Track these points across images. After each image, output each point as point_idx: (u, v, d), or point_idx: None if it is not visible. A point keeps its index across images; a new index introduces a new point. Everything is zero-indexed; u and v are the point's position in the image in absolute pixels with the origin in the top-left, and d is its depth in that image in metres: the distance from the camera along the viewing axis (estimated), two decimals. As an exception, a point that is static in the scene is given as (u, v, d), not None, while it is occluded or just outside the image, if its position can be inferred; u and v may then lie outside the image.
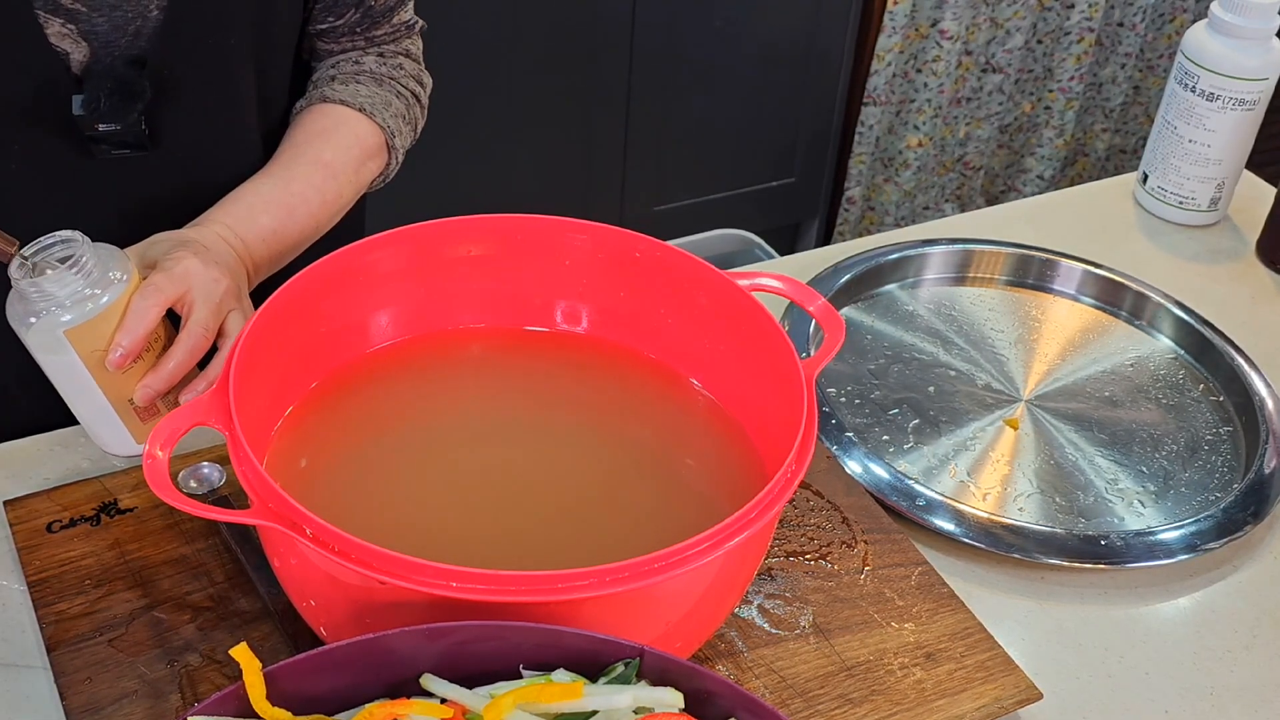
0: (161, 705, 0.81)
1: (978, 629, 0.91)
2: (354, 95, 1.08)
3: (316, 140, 1.06)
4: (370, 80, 1.10)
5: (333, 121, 1.07)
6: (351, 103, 1.08)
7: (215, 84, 1.02)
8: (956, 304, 1.26)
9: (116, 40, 0.95)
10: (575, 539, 0.84)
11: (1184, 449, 1.12)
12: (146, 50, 0.96)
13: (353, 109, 1.08)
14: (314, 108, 1.08)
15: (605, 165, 2.41)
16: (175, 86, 0.98)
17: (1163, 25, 2.77)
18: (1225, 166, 1.35)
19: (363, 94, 1.09)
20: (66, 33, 0.93)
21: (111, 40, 0.95)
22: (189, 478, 0.93)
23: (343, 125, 1.07)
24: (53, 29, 0.92)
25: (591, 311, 0.98)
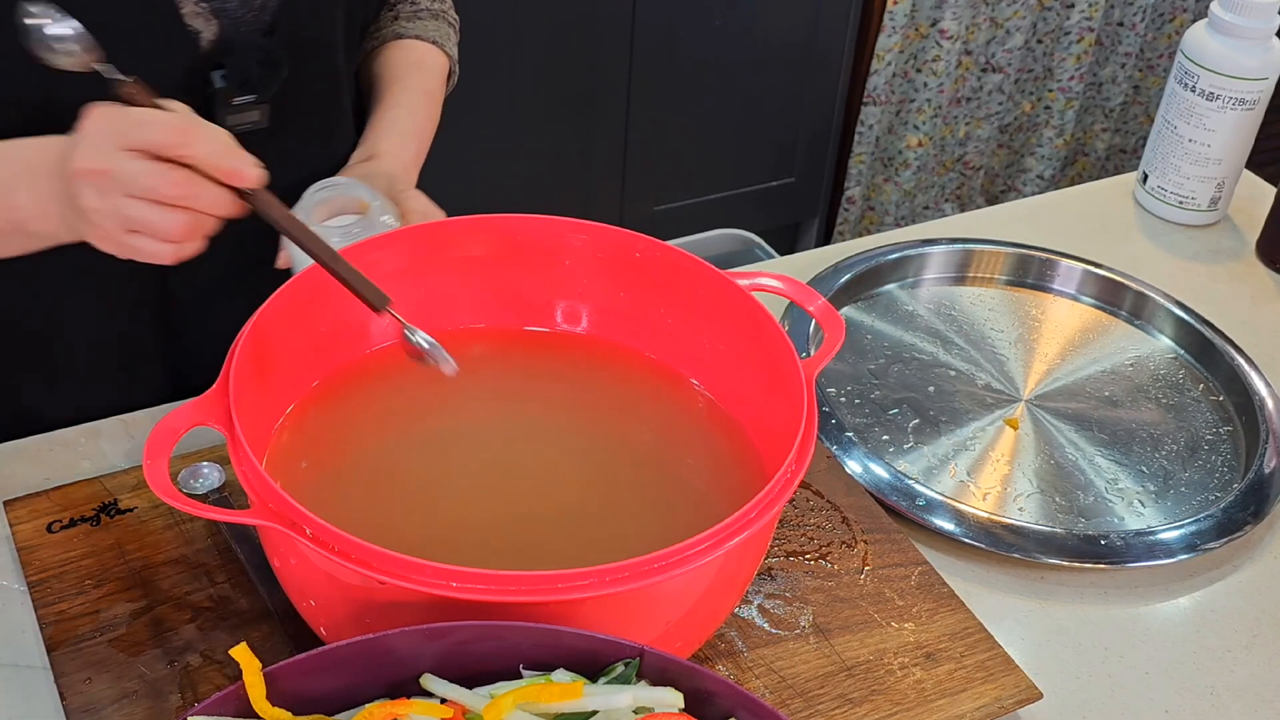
0: (161, 705, 0.81)
1: (978, 629, 0.91)
2: (424, 30, 1.16)
3: (415, 73, 1.13)
4: (429, 15, 1.18)
5: (417, 55, 1.15)
6: (425, 37, 1.16)
7: (321, 59, 1.06)
8: (956, 304, 1.27)
9: (243, 16, 0.98)
10: (575, 539, 0.84)
11: (1184, 449, 1.12)
12: (270, 26, 1.00)
13: (427, 42, 1.16)
14: (397, 43, 1.15)
15: (605, 165, 2.41)
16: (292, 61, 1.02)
17: (1163, 25, 2.77)
18: (1225, 166, 1.35)
19: (430, 29, 1.17)
20: (199, 11, 0.96)
21: (239, 17, 0.98)
22: (189, 478, 0.93)
23: (426, 58, 1.15)
24: (187, 8, 0.95)
25: (591, 311, 0.98)
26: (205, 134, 0.76)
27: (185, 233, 0.76)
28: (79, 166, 0.75)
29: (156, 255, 0.78)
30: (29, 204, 0.81)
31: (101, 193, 0.75)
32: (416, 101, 1.12)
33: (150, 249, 0.77)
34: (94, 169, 0.75)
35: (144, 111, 0.76)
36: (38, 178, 0.80)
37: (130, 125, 0.75)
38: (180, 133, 0.74)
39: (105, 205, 0.76)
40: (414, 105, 1.12)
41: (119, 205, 0.75)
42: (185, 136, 0.74)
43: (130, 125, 0.75)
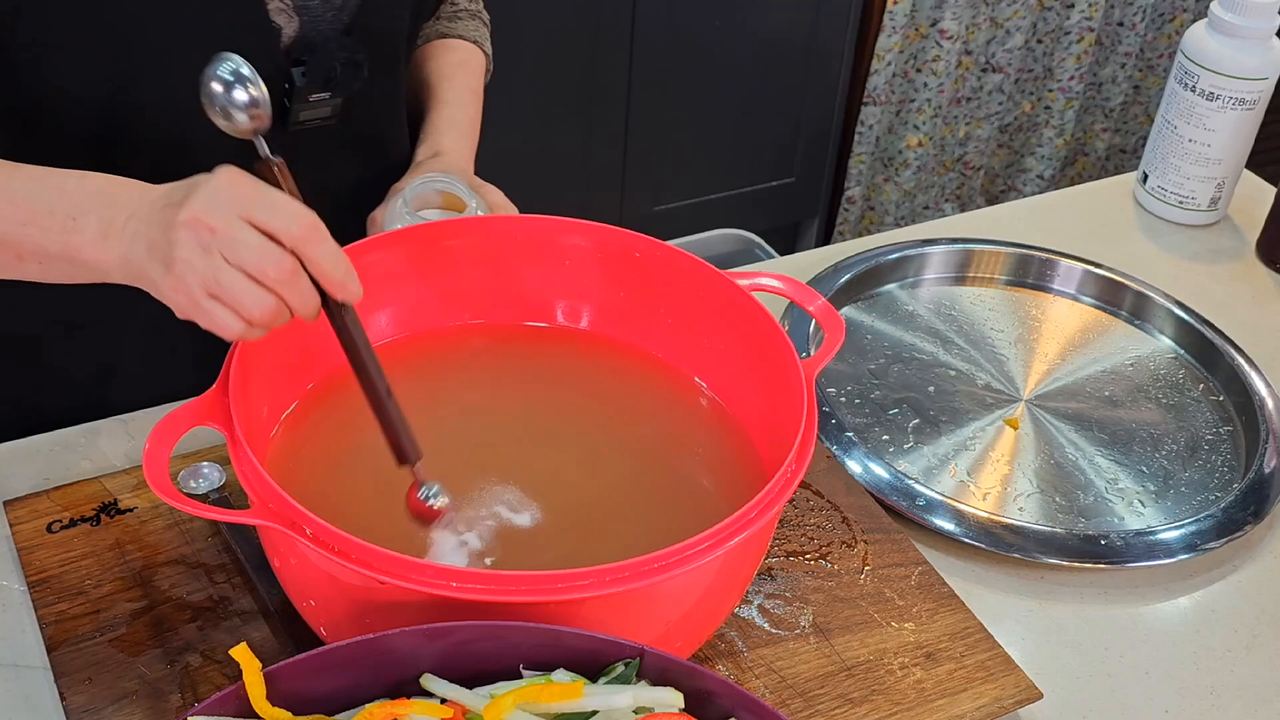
0: (161, 705, 0.81)
1: (978, 629, 0.91)
2: (465, 30, 1.20)
3: (461, 72, 1.16)
4: (467, 15, 1.21)
5: (462, 55, 1.18)
6: (467, 36, 1.19)
7: (389, 60, 1.07)
8: (956, 304, 1.27)
9: (323, 15, 0.99)
10: (575, 538, 0.84)
11: (1184, 449, 1.12)
12: (348, 26, 1.01)
13: (468, 42, 1.19)
14: (441, 43, 1.18)
15: (605, 165, 2.41)
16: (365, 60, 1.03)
17: (1163, 25, 2.77)
18: (1225, 166, 1.35)
19: (470, 28, 1.20)
20: (283, 7, 0.97)
21: (318, 15, 0.99)
22: (189, 478, 0.93)
23: (470, 58, 1.19)
24: (272, 4, 0.96)
25: (591, 311, 0.98)
26: (327, 239, 0.73)
27: (265, 318, 0.74)
28: (189, 215, 0.72)
29: (225, 328, 0.75)
30: (93, 232, 0.78)
31: (202, 248, 0.72)
32: (465, 99, 1.15)
33: (222, 320, 0.74)
34: (205, 223, 0.72)
35: (279, 195, 0.73)
36: (116, 210, 0.78)
37: (259, 200, 0.72)
38: (307, 228, 0.72)
39: (200, 262, 0.72)
40: (464, 103, 1.15)
41: (215, 266, 0.72)
42: (310, 234, 0.72)
43: (259, 200, 0.72)
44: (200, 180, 0.74)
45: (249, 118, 0.70)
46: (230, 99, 0.69)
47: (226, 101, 0.68)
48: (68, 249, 0.79)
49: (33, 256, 0.80)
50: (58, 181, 0.80)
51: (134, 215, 0.77)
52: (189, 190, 0.74)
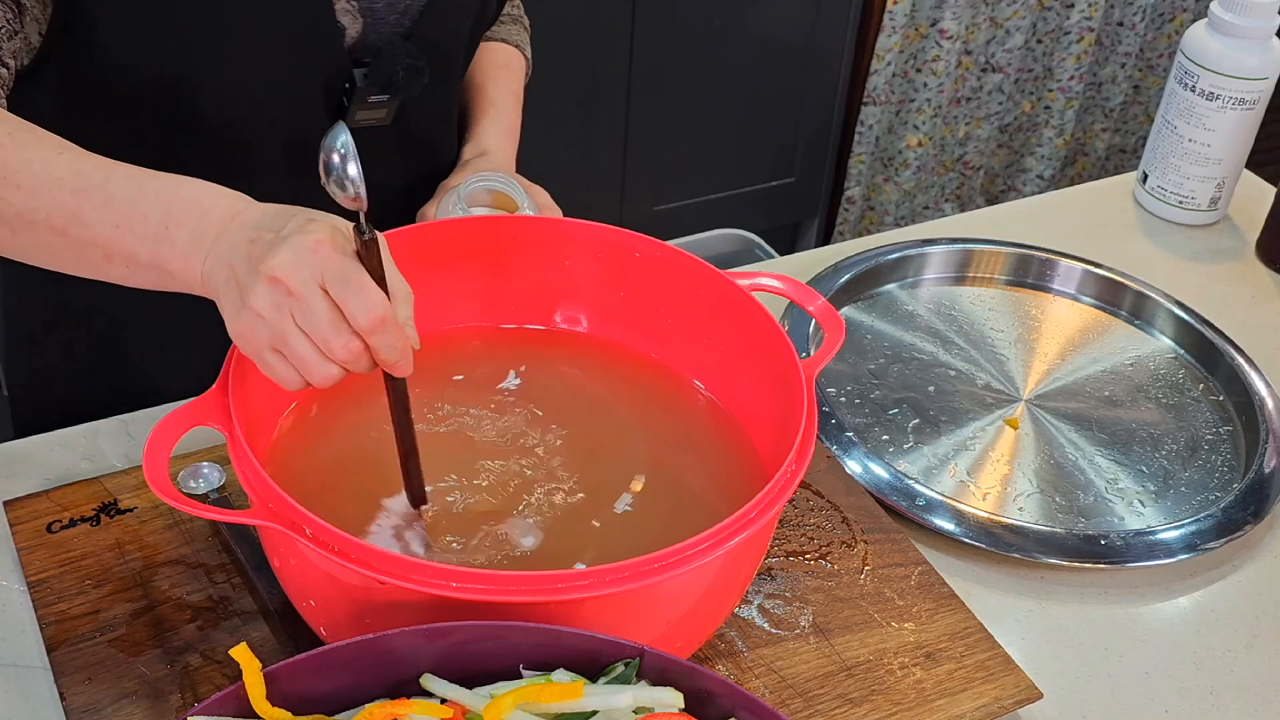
0: (161, 705, 0.81)
1: (978, 629, 0.91)
2: (508, 34, 1.23)
3: (504, 74, 1.20)
4: (509, 20, 1.24)
5: (505, 58, 1.21)
6: (510, 40, 1.22)
7: (447, 65, 1.09)
8: (956, 304, 1.27)
9: (386, 17, 1.00)
10: (575, 539, 0.84)
11: (1184, 448, 1.12)
12: (410, 30, 1.02)
13: (510, 46, 1.22)
14: (485, 45, 1.20)
15: (605, 165, 2.41)
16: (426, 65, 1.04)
17: (1162, 25, 2.77)
18: (1225, 166, 1.35)
19: (513, 33, 1.23)
20: (348, 8, 0.98)
21: (382, 17, 1.00)
22: (189, 478, 0.93)
23: (512, 61, 1.22)
24: (339, 4, 0.97)
25: (591, 311, 0.98)
26: (394, 330, 0.73)
27: (323, 383, 0.75)
28: (274, 271, 0.72)
29: (283, 379, 0.75)
30: (184, 245, 0.77)
31: (277, 307, 0.72)
32: (508, 101, 1.18)
33: (282, 373, 0.75)
34: (285, 283, 0.72)
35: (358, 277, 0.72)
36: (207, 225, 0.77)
37: (342, 280, 0.72)
38: (374, 321, 0.72)
39: (273, 319, 0.73)
40: (507, 105, 1.18)
41: (285, 328, 0.73)
42: (375, 327, 0.72)
43: (342, 280, 0.72)
44: (292, 229, 0.73)
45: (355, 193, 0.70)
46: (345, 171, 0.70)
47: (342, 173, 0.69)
48: (157, 258, 0.78)
49: (121, 260, 0.80)
50: (155, 187, 0.79)
51: (222, 237, 0.76)
52: (278, 236, 0.73)
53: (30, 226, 0.80)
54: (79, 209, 0.79)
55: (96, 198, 0.79)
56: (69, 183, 0.79)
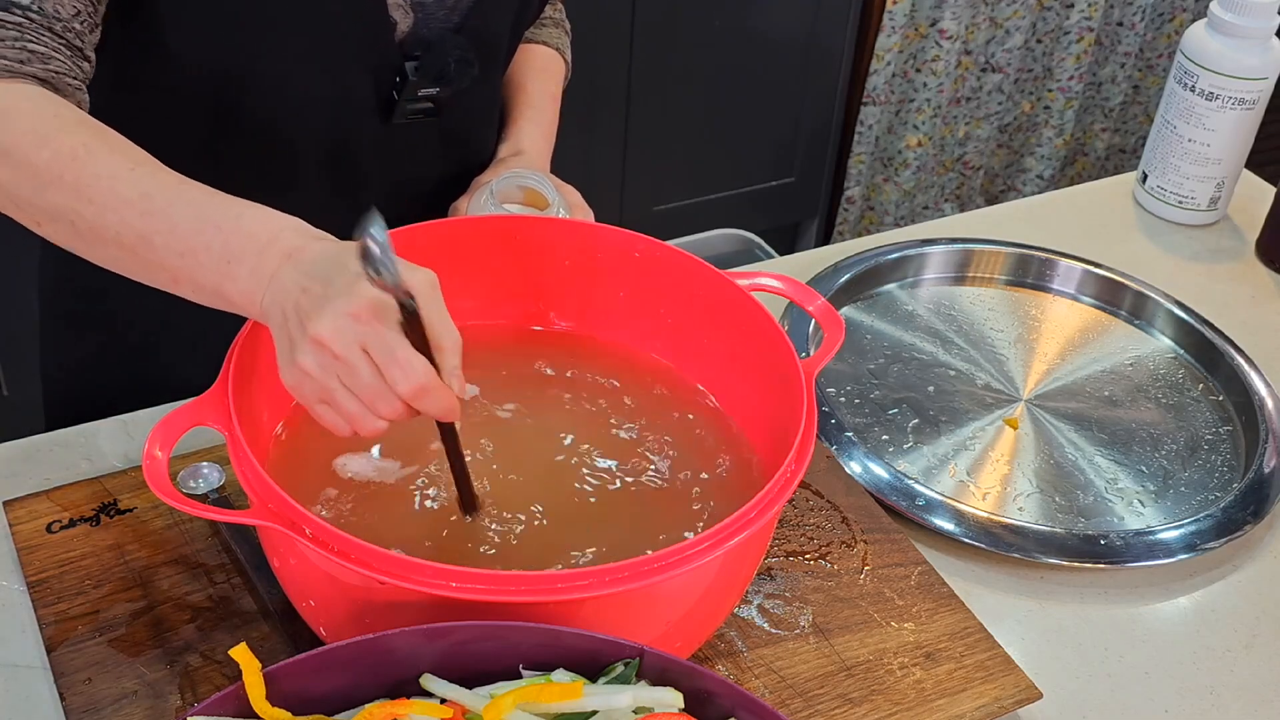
0: (161, 705, 0.81)
1: (977, 629, 0.91)
2: (548, 37, 1.24)
3: (542, 76, 1.21)
4: (550, 23, 1.26)
5: (544, 61, 1.22)
6: (550, 43, 1.24)
7: (492, 60, 1.10)
8: (956, 304, 1.27)
9: (436, 12, 1.01)
10: (575, 538, 0.84)
11: (1184, 448, 1.12)
12: (458, 25, 1.03)
13: (551, 48, 1.24)
14: (525, 47, 1.21)
15: (605, 165, 2.41)
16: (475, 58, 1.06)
17: (1162, 25, 2.77)
18: (1225, 166, 1.35)
19: (552, 35, 1.25)
20: (400, 3, 0.99)
21: (432, 12, 1.01)
22: (189, 478, 0.93)
23: (551, 64, 1.23)
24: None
25: (591, 311, 0.98)
26: (437, 394, 0.74)
27: (374, 433, 0.76)
28: (318, 335, 0.73)
29: (334, 427, 0.76)
30: (245, 282, 0.78)
31: (323, 367, 0.74)
32: (545, 103, 1.20)
33: (331, 421, 0.76)
34: (330, 348, 0.73)
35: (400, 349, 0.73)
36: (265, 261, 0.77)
37: (384, 351, 0.73)
38: (415, 393, 0.73)
39: (320, 378, 0.74)
40: (544, 106, 1.19)
41: (333, 386, 0.74)
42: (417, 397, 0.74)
43: (384, 351, 0.73)
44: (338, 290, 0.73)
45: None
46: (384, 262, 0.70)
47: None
48: (220, 290, 0.79)
49: (188, 285, 0.81)
50: (216, 217, 0.79)
51: (277, 276, 0.76)
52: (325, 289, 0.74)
53: (103, 242, 0.81)
54: (146, 232, 0.79)
55: (162, 223, 0.79)
56: (137, 205, 0.80)
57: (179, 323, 1.08)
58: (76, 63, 0.86)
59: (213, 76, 0.97)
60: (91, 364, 1.16)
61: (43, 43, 0.84)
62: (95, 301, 1.12)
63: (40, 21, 0.83)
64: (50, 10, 0.84)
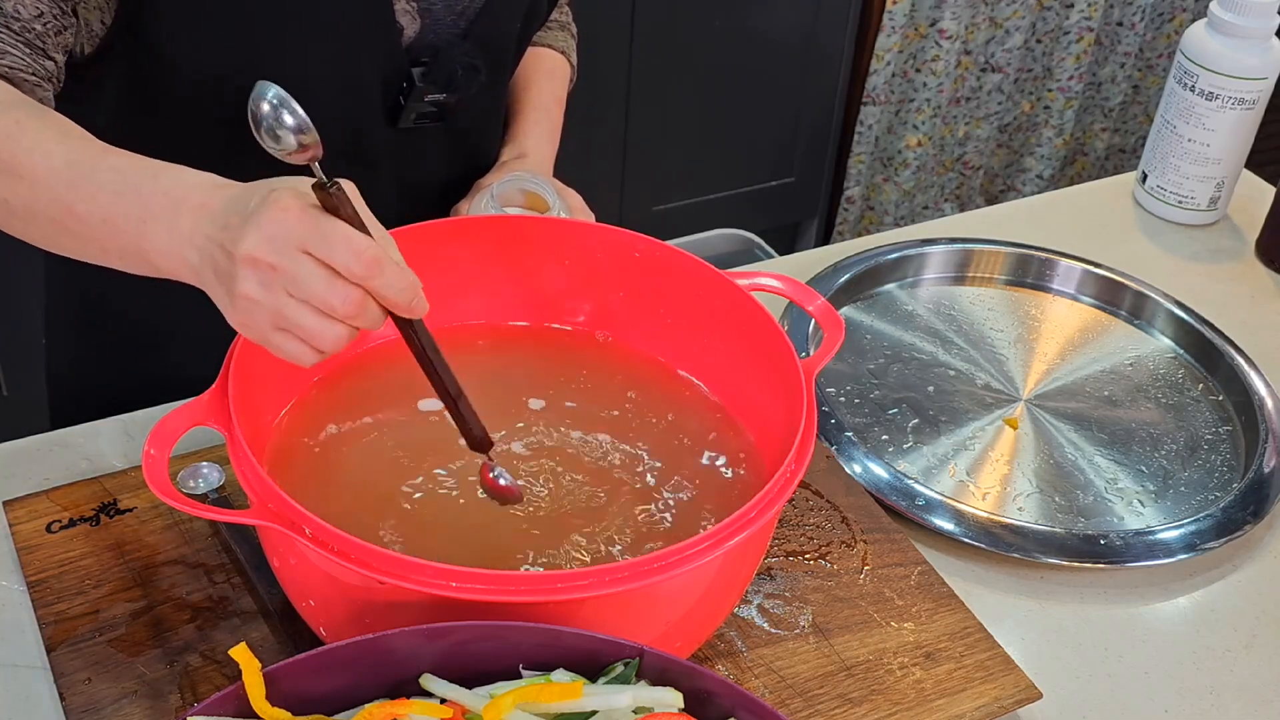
0: (161, 705, 0.81)
1: (977, 628, 0.91)
2: (554, 40, 1.25)
3: (548, 80, 1.22)
4: (557, 27, 1.26)
5: (550, 64, 1.23)
6: (556, 46, 1.24)
7: (499, 65, 1.10)
8: (956, 304, 1.27)
9: (444, 18, 1.02)
10: (575, 538, 0.84)
11: (1183, 448, 1.12)
12: (465, 30, 1.03)
13: (557, 51, 1.24)
14: (531, 50, 1.22)
15: (605, 165, 2.41)
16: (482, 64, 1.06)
17: (1162, 24, 2.77)
18: (1225, 166, 1.35)
19: (559, 39, 1.25)
20: (408, 9, 0.99)
21: (440, 18, 1.01)
22: (189, 478, 0.93)
23: (557, 67, 1.24)
24: (399, 4, 0.99)
25: (591, 311, 0.98)
26: (391, 270, 0.72)
27: (338, 345, 0.73)
28: (249, 253, 0.70)
29: (297, 357, 0.73)
30: (162, 241, 0.76)
31: (265, 285, 0.71)
32: (550, 106, 1.20)
33: (293, 350, 0.73)
34: (265, 261, 0.70)
35: (337, 227, 0.70)
36: (180, 218, 0.76)
37: (320, 237, 0.70)
38: (368, 264, 0.70)
39: (265, 299, 0.71)
40: (549, 109, 1.20)
41: (280, 303, 0.71)
42: (371, 270, 0.70)
43: (320, 237, 0.70)
44: (254, 206, 0.72)
45: (298, 143, 0.68)
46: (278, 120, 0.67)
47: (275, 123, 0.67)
48: (142, 253, 0.78)
49: (116, 253, 0.80)
50: (135, 179, 0.78)
51: (196, 229, 0.75)
52: (243, 216, 0.72)
53: (35, 218, 0.81)
54: (72, 203, 0.79)
55: (86, 190, 0.79)
56: (63, 175, 0.79)
57: (186, 321, 1.08)
58: (36, 60, 0.87)
59: (223, 88, 0.97)
60: (98, 364, 1.16)
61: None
62: (101, 302, 1.12)
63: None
64: (9, 10, 0.85)
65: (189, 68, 0.96)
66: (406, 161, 1.07)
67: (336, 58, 0.98)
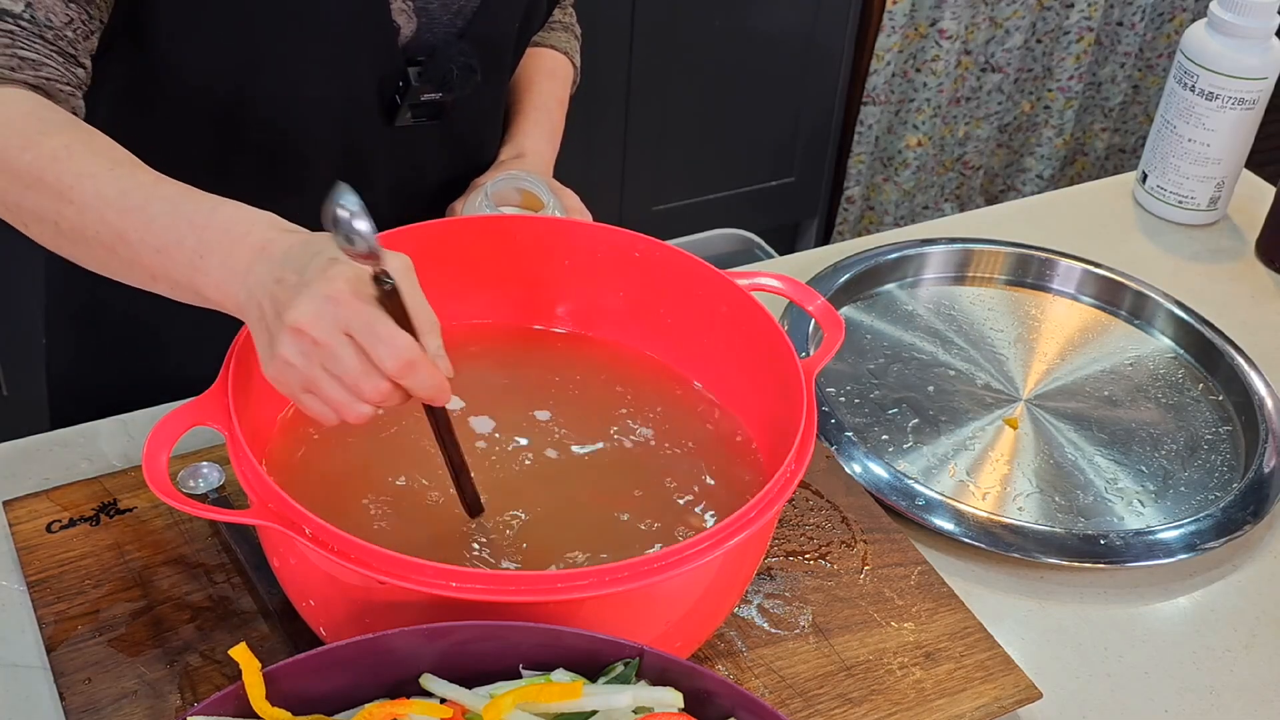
0: (161, 705, 0.81)
1: (977, 628, 0.91)
2: (558, 41, 1.24)
3: (549, 80, 1.21)
4: (560, 27, 1.26)
5: (552, 64, 1.23)
6: (559, 47, 1.24)
7: (497, 65, 1.10)
8: (956, 303, 1.27)
9: (440, 17, 1.02)
10: (575, 538, 0.84)
11: (1183, 448, 1.12)
12: (462, 30, 1.03)
13: (560, 52, 1.24)
14: (533, 50, 1.22)
15: (605, 165, 2.41)
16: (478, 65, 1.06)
17: (1162, 24, 2.77)
18: (1225, 166, 1.35)
19: (561, 40, 1.25)
20: (404, 8, 0.99)
21: (436, 17, 1.01)
22: (189, 478, 0.93)
23: (559, 68, 1.23)
24: (396, 3, 0.99)
25: (591, 311, 0.98)
26: (424, 369, 0.73)
27: (361, 419, 0.75)
28: (296, 323, 0.72)
29: (321, 417, 0.75)
30: (217, 276, 0.77)
31: (304, 355, 0.73)
32: (551, 106, 1.20)
33: (318, 411, 0.75)
34: (309, 335, 0.72)
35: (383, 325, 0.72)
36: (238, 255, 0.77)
37: (366, 329, 0.72)
38: (404, 367, 0.72)
39: (302, 366, 0.73)
40: (549, 109, 1.19)
41: (315, 374, 0.73)
42: (405, 371, 0.72)
43: (366, 329, 0.72)
44: (312, 274, 0.73)
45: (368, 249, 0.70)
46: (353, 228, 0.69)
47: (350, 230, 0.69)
48: (194, 285, 0.79)
49: (165, 282, 0.81)
50: (190, 211, 0.79)
51: (251, 271, 0.76)
52: (300, 279, 0.73)
53: (84, 241, 0.82)
54: (124, 230, 0.80)
55: (139, 219, 0.80)
56: (115, 202, 0.80)
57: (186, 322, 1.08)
58: (70, 69, 0.87)
59: (220, 88, 0.97)
60: (98, 364, 1.16)
61: (34, 50, 0.84)
62: (103, 302, 1.12)
63: (31, 29, 0.84)
64: (41, 19, 0.85)
65: (186, 66, 0.96)
66: (403, 160, 1.07)
67: (332, 56, 0.98)
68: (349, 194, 0.69)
